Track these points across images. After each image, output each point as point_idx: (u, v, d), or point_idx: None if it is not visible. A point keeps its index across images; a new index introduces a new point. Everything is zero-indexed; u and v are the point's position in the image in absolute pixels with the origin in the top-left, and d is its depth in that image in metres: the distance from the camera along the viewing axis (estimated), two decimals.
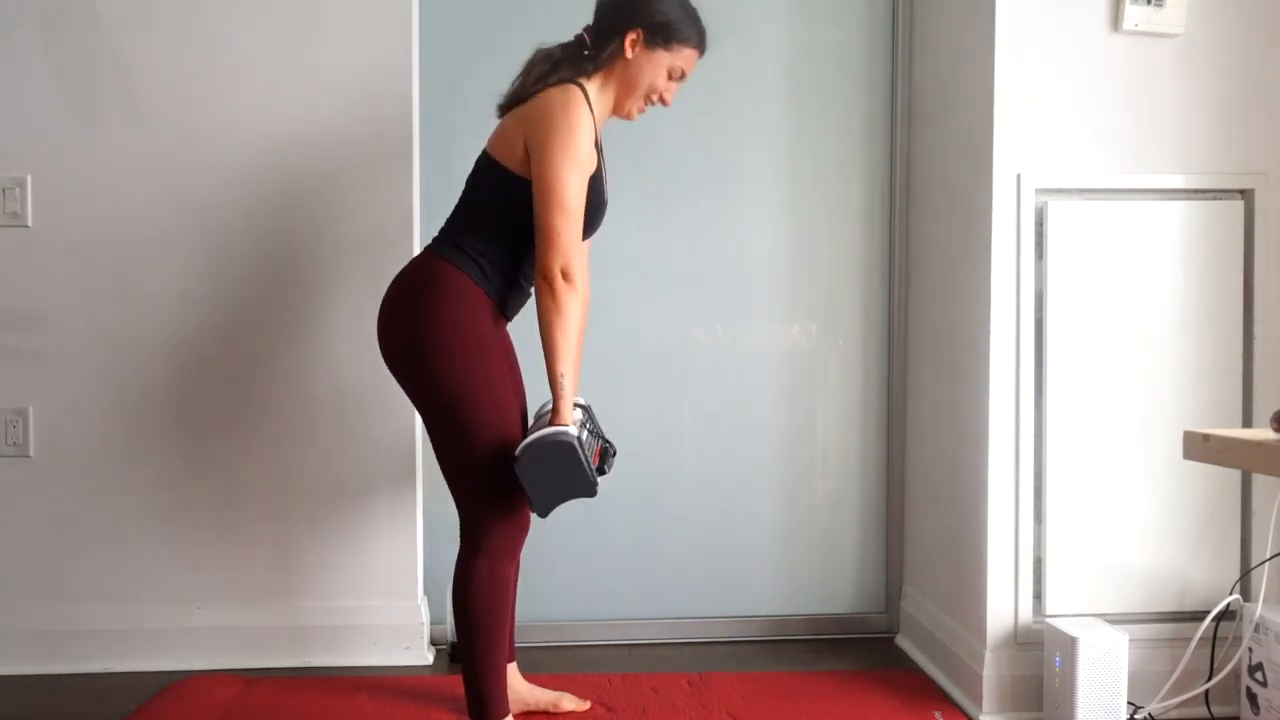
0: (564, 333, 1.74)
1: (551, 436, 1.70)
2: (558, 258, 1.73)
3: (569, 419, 1.75)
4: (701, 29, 1.91)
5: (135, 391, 2.37)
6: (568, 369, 1.75)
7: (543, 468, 1.70)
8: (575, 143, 1.75)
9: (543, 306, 1.75)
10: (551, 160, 1.74)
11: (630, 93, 1.89)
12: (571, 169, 1.75)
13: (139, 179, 2.36)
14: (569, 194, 1.74)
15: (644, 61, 1.86)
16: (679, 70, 1.90)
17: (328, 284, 2.39)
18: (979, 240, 2.13)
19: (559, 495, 1.73)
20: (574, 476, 1.72)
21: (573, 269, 1.74)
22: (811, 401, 2.65)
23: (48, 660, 2.36)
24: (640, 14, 1.85)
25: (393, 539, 2.42)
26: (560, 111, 1.77)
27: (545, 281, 1.74)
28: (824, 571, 2.65)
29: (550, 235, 1.74)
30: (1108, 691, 1.97)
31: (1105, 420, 2.10)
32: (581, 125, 1.77)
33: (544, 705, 2.09)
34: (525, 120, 1.81)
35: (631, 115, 1.93)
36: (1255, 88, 2.12)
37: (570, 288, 1.74)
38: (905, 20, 2.58)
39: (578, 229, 1.77)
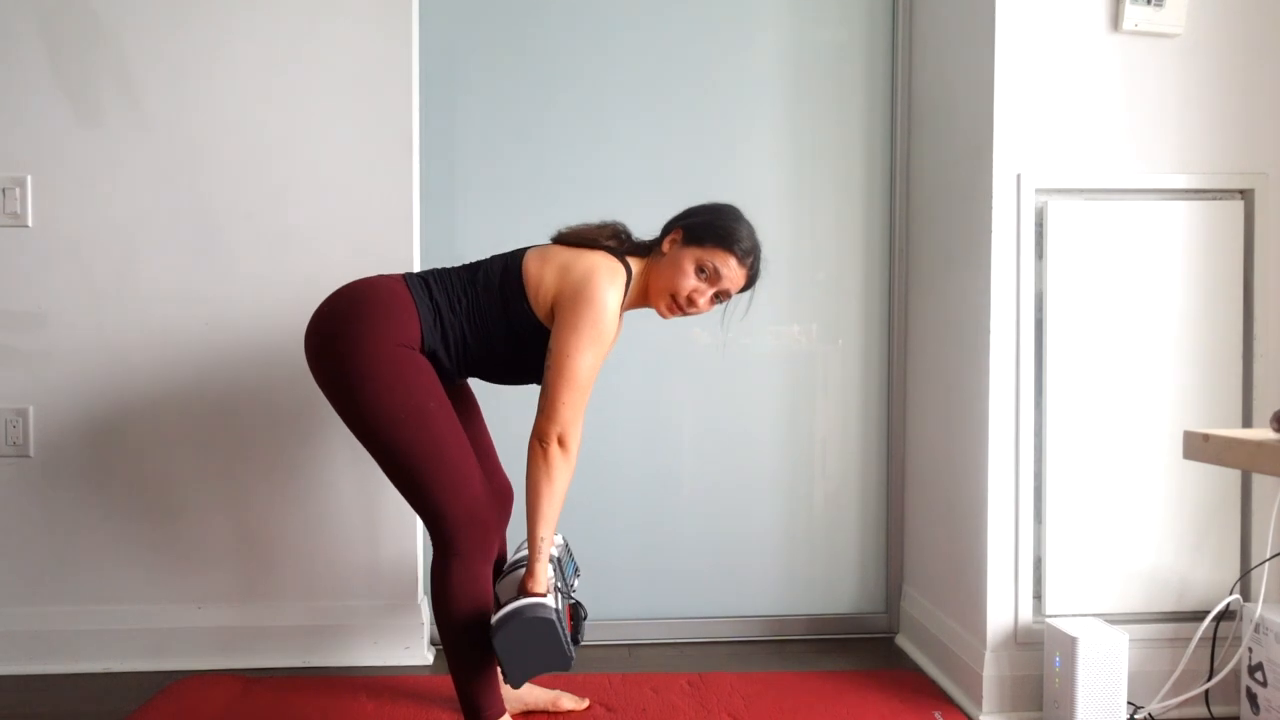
0: (550, 498, 1.77)
1: (529, 611, 1.72)
2: (556, 426, 1.76)
3: (543, 584, 1.78)
4: (746, 246, 1.90)
5: (135, 391, 2.37)
6: (548, 533, 1.78)
7: (519, 642, 1.73)
8: (601, 326, 1.78)
9: (533, 468, 1.77)
10: (574, 338, 1.77)
11: (656, 283, 1.91)
12: (591, 347, 1.78)
13: (139, 179, 2.36)
14: (581, 373, 1.77)
15: (675, 255, 1.89)
16: (711, 266, 1.87)
17: (327, 283, 2.37)
18: (979, 240, 2.13)
19: (534, 668, 1.75)
20: (550, 650, 1.74)
21: (569, 437, 1.77)
22: (811, 401, 2.65)
23: (48, 660, 2.36)
24: (691, 218, 1.92)
25: (393, 539, 2.42)
26: (599, 289, 1.79)
27: (541, 445, 1.76)
28: (824, 571, 2.65)
29: (555, 405, 1.76)
30: (1108, 691, 1.97)
31: (1105, 420, 2.10)
32: (611, 309, 1.80)
33: (542, 704, 2.09)
34: (566, 278, 1.81)
35: (660, 309, 1.93)
36: (1255, 88, 2.12)
37: (564, 455, 1.77)
38: (905, 20, 2.58)
39: (583, 402, 1.79)
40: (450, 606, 1.79)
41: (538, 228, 2.56)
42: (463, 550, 1.79)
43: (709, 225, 1.89)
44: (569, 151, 2.56)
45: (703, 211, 1.93)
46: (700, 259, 1.88)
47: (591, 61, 2.57)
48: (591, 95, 2.56)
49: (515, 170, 2.56)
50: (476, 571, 1.80)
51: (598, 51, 2.57)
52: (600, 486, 2.57)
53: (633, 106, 2.58)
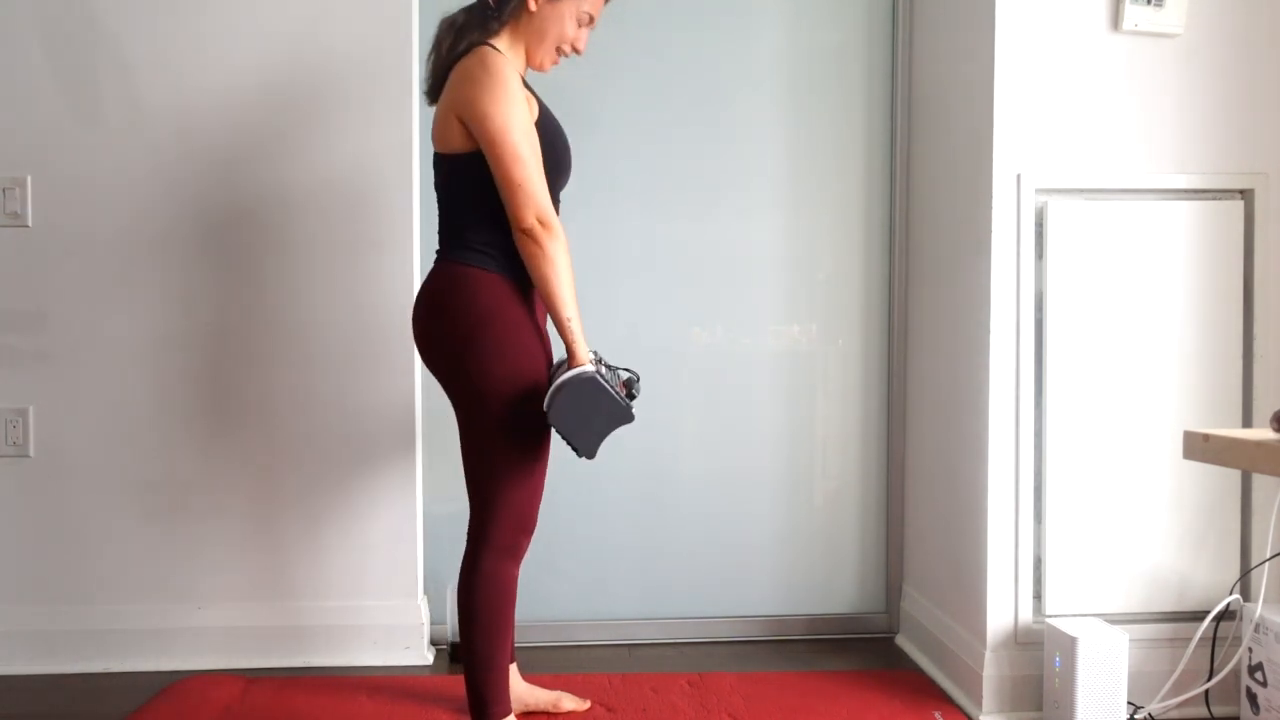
0: (559, 279, 1.73)
1: (574, 376, 1.71)
2: (530, 208, 1.71)
3: (585, 359, 1.75)
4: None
5: (135, 391, 2.37)
6: (572, 312, 1.75)
7: (574, 408, 1.71)
8: (505, 92, 1.72)
9: (531, 260, 1.73)
10: (489, 118, 1.71)
11: (539, 43, 1.86)
12: (511, 118, 1.72)
13: (139, 179, 2.36)
14: (519, 143, 1.71)
15: (548, 12, 1.83)
16: (586, 15, 1.87)
17: (327, 283, 2.39)
18: (979, 240, 2.13)
19: (599, 430, 1.73)
20: (607, 407, 1.73)
21: (548, 215, 1.72)
22: (811, 401, 2.65)
23: (48, 660, 2.36)
24: None
25: (393, 539, 2.42)
26: (480, 70, 1.74)
27: (526, 235, 1.72)
28: (824, 571, 2.65)
29: (514, 188, 1.71)
30: (1108, 691, 1.97)
31: (1105, 420, 2.10)
32: (505, 75, 1.73)
33: (544, 705, 2.09)
34: (450, 96, 1.78)
35: (544, 67, 1.90)
36: (1255, 88, 2.12)
37: (551, 233, 1.72)
38: (905, 20, 2.58)
39: (539, 175, 1.74)
40: (474, 603, 1.78)
41: None
42: (501, 547, 1.79)
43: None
44: None
45: None
46: (578, 10, 1.85)
47: (591, 61, 2.55)
48: (591, 95, 2.56)
49: None
50: (508, 570, 1.80)
51: (597, 51, 2.55)
52: (600, 486, 2.57)
53: (633, 106, 2.58)
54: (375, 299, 2.38)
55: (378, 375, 2.40)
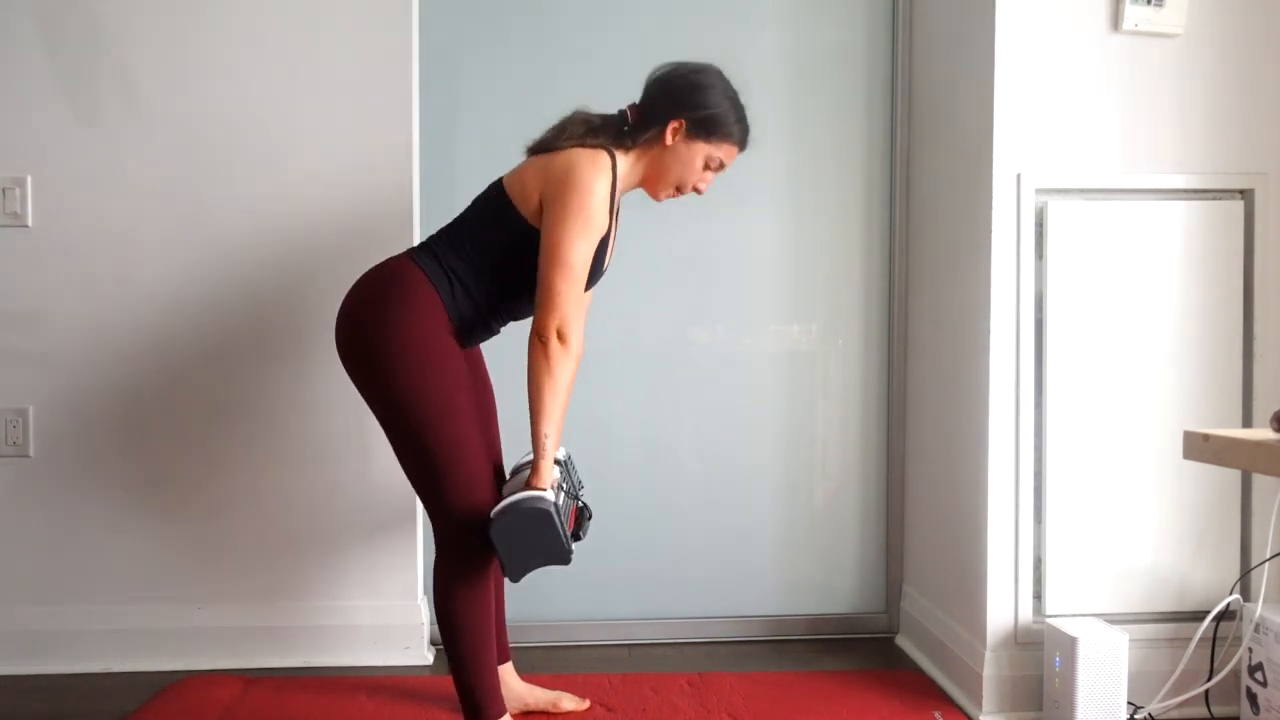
0: (553, 394, 1.74)
1: (527, 503, 1.70)
2: (555, 318, 1.73)
3: (547, 481, 1.75)
4: (746, 127, 1.92)
5: (135, 391, 2.37)
6: (552, 430, 1.76)
7: (517, 533, 1.70)
8: (590, 208, 1.75)
9: (534, 364, 1.74)
10: (564, 222, 1.74)
11: (663, 177, 1.90)
12: (582, 234, 1.74)
13: (139, 179, 2.36)
14: (575, 258, 1.74)
15: (682, 150, 1.87)
16: (717, 161, 1.89)
17: (328, 284, 2.39)
18: (979, 240, 2.13)
19: (532, 561, 1.73)
20: (548, 544, 1.71)
21: (569, 330, 1.74)
22: (811, 401, 2.65)
23: (48, 660, 2.36)
24: (689, 105, 1.85)
25: (393, 539, 2.42)
26: (583, 175, 1.76)
27: (540, 340, 1.74)
28: (824, 571, 2.65)
29: (551, 295, 1.73)
30: (1108, 691, 1.97)
31: (1105, 420, 2.10)
32: (599, 192, 1.76)
33: (543, 705, 2.09)
34: (547, 173, 1.80)
35: (659, 198, 1.94)
36: (1255, 88, 2.12)
37: (564, 349, 1.74)
38: (905, 20, 2.58)
39: (579, 292, 1.77)
40: (452, 606, 1.78)
41: None
42: (468, 553, 1.78)
43: (717, 120, 1.86)
44: None
45: (698, 95, 1.86)
46: (709, 155, 1.87)
47: (592, 61, 2.56)
48: (591, 95, 2.54)
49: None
50: (477, 573, 1.80)
51: (598, 51, 2.57)
52: (600, 486, 2.56)
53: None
54: None
55: None
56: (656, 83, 1.91)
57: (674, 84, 1.88)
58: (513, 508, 1.70)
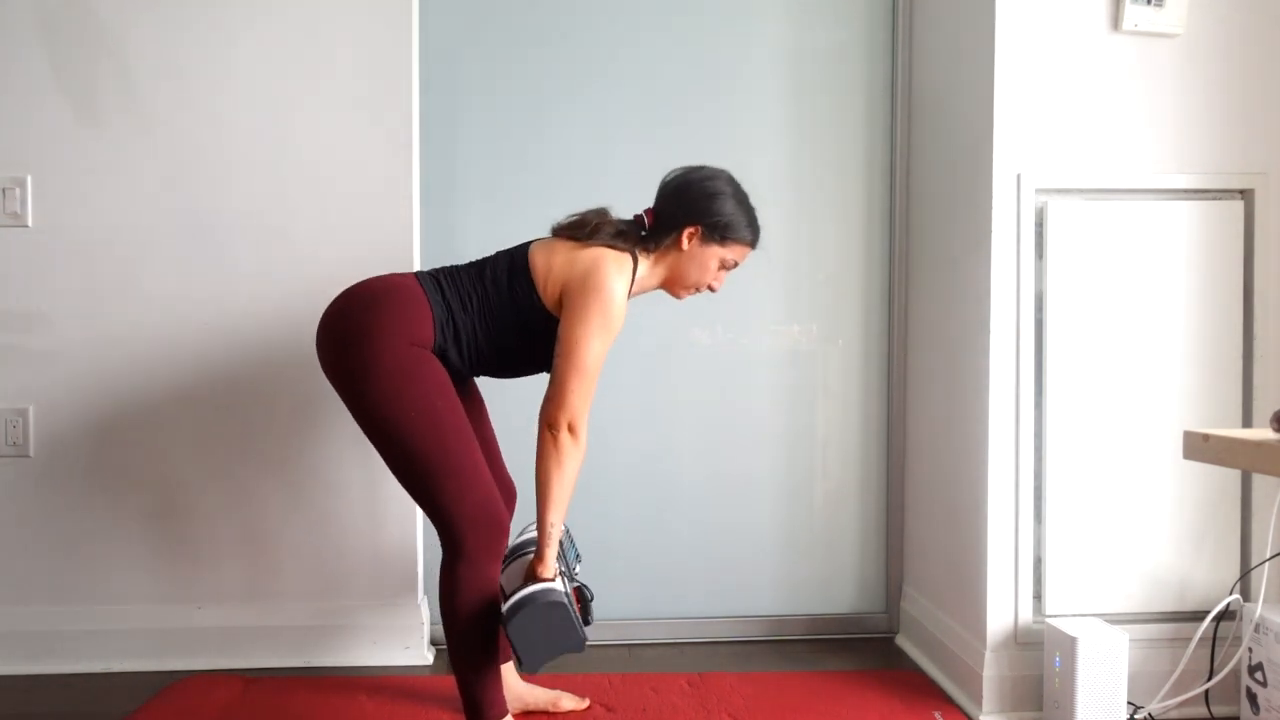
0: (561, 485, 1.78)
1: (543, 598, 1.74)
2: (566, 414, 1.77)
3: (551, 570, 1.79)
4: (757, 229, 1.99)
5: (135, 391, 2.37)
6: (558, 519, 1.79)
7: (533, 628, 1.73)
8: (610, 315, 1.80)
9: (544, 455, 1.78)
10: (584, 324, 1.79)
11: (681, 279, 1.97)
12: (600, 337, 1.79)
13: (139, 179, 2.36)
14: (590, 360, 1.79)
15: (698, 254, 1.93)
16: (731, 261, 1.96)
17: (327, 284, 2.37)
18: (979, 240, 2.13)
19: (550, 651, 1.75)
20: (565, 634, 1.75)
21: (579, 426, 1.78)
22: (811, 401, 2.65)
23: (48, 660, 2.36)
24: (703, 212, 1.92)
25: (393, 539, 2.42)
26: (606, 278, 1.81)
27: (550, 432, 1.77)
28: (824, 571, 2.65)
29: (564, 392, 1.77)
30: (1108, 691, 1.97)
31: (1105, 420, 2.10)
32: (618, 296, 1.82)
33: (542, 704, 2.09)
34: (572, 268, 1.83)
35: (680, 297, 2.02)
36: (1255, 88, 2.12)
37: (574, 443, 1.78)
38: (905, 20, 2.58)
39: (591, 390, 1.80)
40: (457, 606, 1.79)
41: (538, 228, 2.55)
42: (471, 550, 1.79)
43: (730, 223, 1.92)
44: (569, 151, 2.56)
45: (712, 204, 1.92)
46: (724, 257, 1.95)
47: (592, 61, 2.57)
48: (591, 95, 2.56)
49: (515, 170, 2.56)
50: (484, 572, 1.80)
51: (598, 52, 2.57)
52: (600, 487, 2.57)
53: (633, 106, 2.58)
54: None
55: None
56: (672, 191, 1.96)
57: (689, 193, 1.94)
58: (528, 602, 1.74)
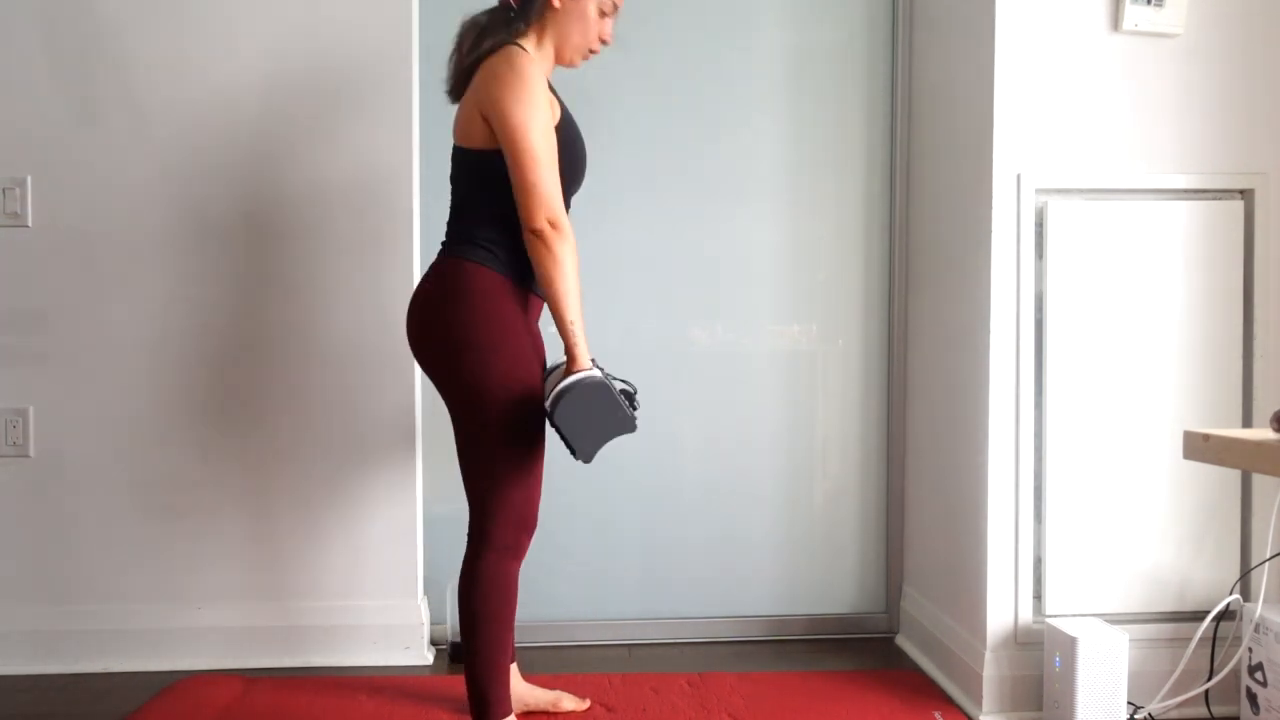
0: (564, 281, 1.73)
1: (584, 379, 1.70)
2: (541, 209, 1.72)
3: (586, 363, 1.75)
4: None
5: (135, 391, 2.37)
6: (576, 315, 1.74)
7: (582, 411, 1.70)
8: (529, 93, 1.73)
9: (539, 260, 1.73)
10: (510, 117, 1.72)
11: (567, 41, 1.87)
12: (532, 120, 1.73)
13: (139, 179, 2.36)
14: (537, 144, 1.72)
15: (571, 7, 1.85)
16: (610, 4, 1.89)
17: (327, 284, 2.39)
18: (979, 240, 2.13)
19: (601, 436, 1.72)
20: (613, 414, 1.72)
21: (559, 218, 1.73)
22: (811, 401, 2.65)
23: (48, 660, 2.36)
24: None
25: (393, 539, 2.42)
26: (506, 69, 1.75)
27: (535, 236, 1.72)
28: (824, 571, 2.65)
29: (529, 189, 1.72)
30: (1108, 691, 1.97)
31: (1105, 420, 2.10)
32: (531, 76, 1.75)
33: (543, 705, 2.09)
34: (476, 94, 1.79)
35: (575, 63, 1.92)
36: (1255, 88, 2.12)
37: (561, 236, 1.72)
38: (905, 20, 2.58)
39: (554, 177, 1.74)
40: (477, 597, 1.79)
41: None
42: (502, 546, 1.79)
43: None
44: None
45: None
46: (600, 2, 1.86)
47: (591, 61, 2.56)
48: (591, 94, 2.56)
49: None
50: (509, 568, 1.81)
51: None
52: (600, 487, 2.57)
53: (632, 105, 2.58)
54: (375, 298, 2.39)
55: (378, 375, 2.40)
56: None
57: None
58: (572, 386, 1.69)
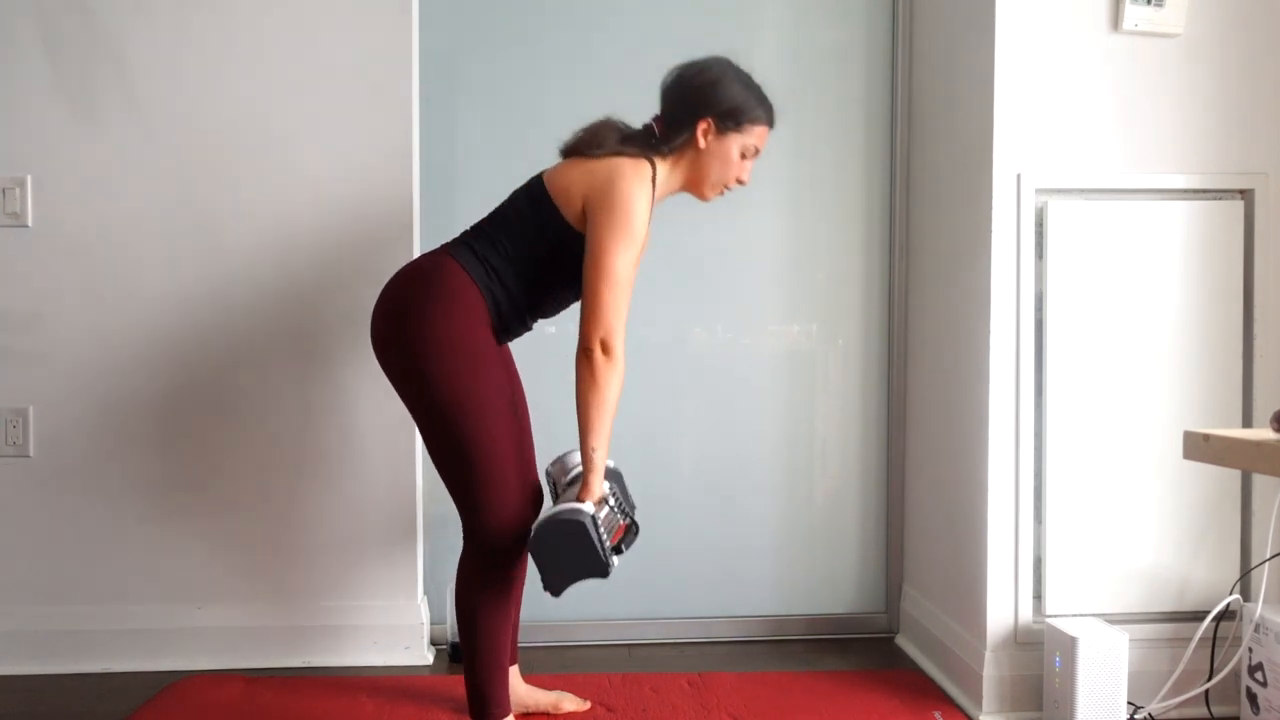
0: (600, 408, 1.74)
1: (564, 515, 1.70)
2: (599, 329, 1.74)
3: (596, 494, 1.76)
4: (769, 104, 1.92)
5: (135, 391, 2.37)
6: (600, 444, 1.76)
7: (552, 546, 1.70)
8: (633, 222, 1.76)
9: (581, 379, 1.75)
10: (610, 236, 1.75)
11: (705, 178, 1.91)
12: (628, 248, 1.76)
13: (139, 179, 2.36)
14: (621, 270, 1.75)
15: (716, 148, 1.88)
16: (752, 148, 1.91)
17: (327, 284, 2.39)
18: (979, 240, 2.13)
19: (569, 575, 1.71)
20: (582, 557, 1.70)
21: (614, 341, 1.74)
22: (811, 401, 2.65)
23: (48, 660, 2.36)
24: (710, 104, 1.87)
25: (393, 539, 2.42)
26: (627, 186, 1.77)
27: (585, 353, 1.74)
28: (824, 571, 2.65)
29: (596, 305, 1.74)
30: (1108, 691, 1.97)
31: (1105, 420, 2.10)
32: (641, 206, 1.78)
33: (544, 706, 2.09)
34: (591, 180, 1.80)
35: (707, 198, 1.95)
36: (1255, 88, 2.12)
37: (610, 361, 1.74)
38: (905, 20, 2.58)
39: (624, 303, 1.77)
40: (474, 602, 1.79)
41: None
42: (496, 551, 1.79)
43: (740, 108, 1.87)
44: None
45: (716, 91, 1.87)
46: (744, 144, 1.89)
47: (591, 60, 2.57)
48: (591, 94, 2.55)
49: (515, 168, 2.54)
50: (504, 572, 1.80)
51: (598, 50, 2.57)
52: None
53: (633, 106, 2.57)
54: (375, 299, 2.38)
55: (377, 375, 2.38)
56: (672, 90, 1.92)
57: (689, 87, 1.89)
58: (551, 521, 1.70)
